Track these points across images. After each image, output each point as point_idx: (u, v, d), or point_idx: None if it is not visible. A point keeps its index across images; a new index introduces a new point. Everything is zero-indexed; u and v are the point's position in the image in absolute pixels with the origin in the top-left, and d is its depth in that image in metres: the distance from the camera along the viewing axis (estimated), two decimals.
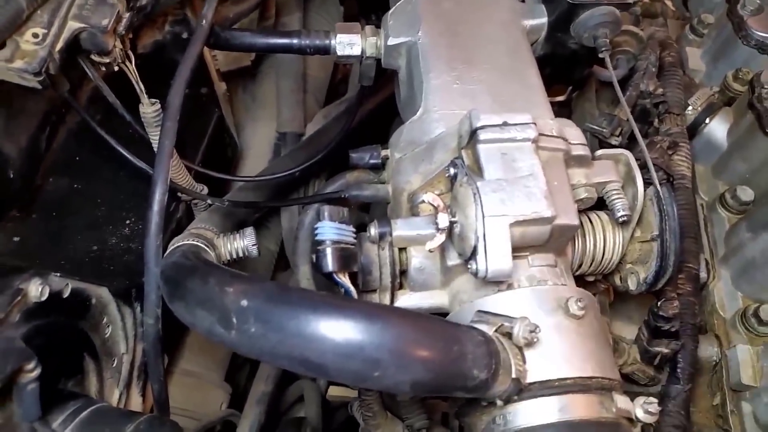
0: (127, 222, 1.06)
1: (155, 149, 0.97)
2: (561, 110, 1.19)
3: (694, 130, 1.24)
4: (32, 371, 0.61)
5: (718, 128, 1.23)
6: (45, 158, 1.03)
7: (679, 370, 0.98)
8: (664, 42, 1.24)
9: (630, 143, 1.16)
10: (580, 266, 0.83)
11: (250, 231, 0.87)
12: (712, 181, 1.23)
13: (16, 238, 0.97)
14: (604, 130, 1.14)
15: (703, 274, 1.12)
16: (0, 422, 0.57)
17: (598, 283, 0.94)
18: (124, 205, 1.08)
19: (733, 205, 1.16)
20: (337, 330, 0.56)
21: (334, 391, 1.21)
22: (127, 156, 0.97)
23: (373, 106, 1.43)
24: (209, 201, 0.97)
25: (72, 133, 1.09)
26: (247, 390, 1.47)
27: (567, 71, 1.04)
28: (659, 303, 0.93)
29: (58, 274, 0.72)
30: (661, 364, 1.00)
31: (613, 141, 1.14)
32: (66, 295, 0.73)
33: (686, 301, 1.01)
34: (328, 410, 1.56)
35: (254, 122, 1.64)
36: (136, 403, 0.95)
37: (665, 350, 0.96)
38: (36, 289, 0.67)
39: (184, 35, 1.28)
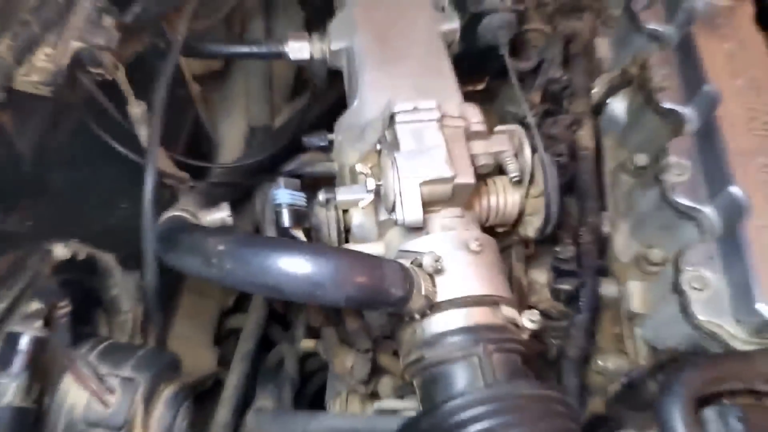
0: (122, 206, 1.26)
1: (142, 143, 1.18)
2: (483, 97, 1.41)
3: (600, 108, 1.47)
4: (64, 308, 0.82)
5: (619, 106, 1.45)
6: (49, 154, 1.22)
7: (581, 303, 1.20)
8: (570, 35, 1.46)
9: (542, 120, 1.38)
10: (488, 219, 1.05)
11: (225, 205, 1.08)
12: (617, 150, 1.46)
13: (29, 223, 1.17)
14: (519, 113, 1.36)
15: (606, 228, 1.35)
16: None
17: (511, 236, 1.16)
18: (118, 192, 1.28)
19: (632, 169, 1.38)
20: (290, 263, 0.77)
21: (306, 344, 1.43)
22: (120, 149, 1.17)
23: (332, 99, 1.64)
24: (191, 184, 1.17)
25: (70, 132, 1.28)
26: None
27: (481, 65, 1.26)
28: (558, 248, 1.16)
29: (77, 240, 0.92)
30: (568, 299, 1.23)
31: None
32: (82, 257, 0.93)
33: (587, 248, 1.24)
34: (304, 375, 1.77)
35: (227, 119, 1.83)
36: None
37: (567, 287, 1.19)
38: (60, 251, 0.87)
39: (161, 45, 1.48)
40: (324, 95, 1.57)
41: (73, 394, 0.83)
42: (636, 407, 1.22)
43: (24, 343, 0.71)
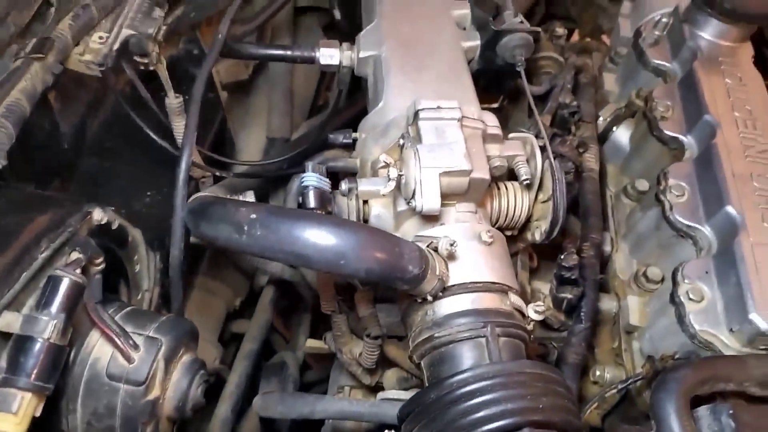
0: (148, 194, 1.32)
1: (175, 135, 1.25)
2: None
3: (604, 136, 1.55)
4: (99, 264, 0.87)
5: (623, 135, 1.54)
6: (84, 139, 1.29)
7: (582, 314, 1.24)
8: (580, 67, 1.55)
9: (550, 142, 1.46)
10: (497, 221, 1.11)
11: (250, 193, 1.14)
12: (618, 177, 1.54)
13: None
14: (529, 133, 1.43)
15: (607, 248, 1.41)
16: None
17: (517, 243, 1.22)
18: (144, 181, 1.34)
19: (633, 194, 1.45)
20: (317, 233, 0.83)
21: (311, 344, 1.46)
22: (155, 138, 1.23)
23: (350, 115, 1.72)
24: (217, 173, 1.24)
25: (105, 121, 1.35)
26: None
27: (498, 83, 1.34)
28: (562, 256, 1.21)
29: (113, 208, 0.97)
30: (569, 309, 1.28)
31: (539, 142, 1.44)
32: (114, 226, 0.99)
33: (589, 261, 1.29)
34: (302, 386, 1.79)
35: (247, 130, 1.92)
36: None
37: (569, 296, 1.24)
38: (98, 214, 0.92)
39: (195, 51, 1.57)
40: (343, 111, 1.65)
41: (99, 349, 0.87)
42: (632, 420, 1.25)
43: (64, 285, 0.76)
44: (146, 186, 1.34)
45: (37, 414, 0.74)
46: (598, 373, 1.27)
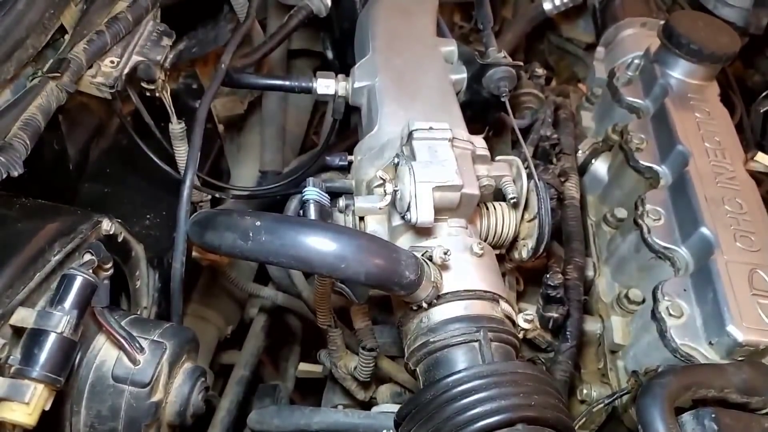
0: (147, 217, 1.36)
1: (177, 159, 1.30)
2: None
3: (584, 168, 1.64)
4: (108, 270, 0.90)
5: (601, 167, 1.62)
6: (88, 163, 1.34)
7: (568, 333, 1.29)
8: (559, 104, 1.65)
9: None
10: (486, 239, 1.16)
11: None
12: (598, 206, 1.61)
13: None
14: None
15: (590, 273, 1.47)
16: None
17: (505, 263, 1.27)
18: (144, 205, 1.38)
19: (612, 222, 1.52)
20: (320, 239, 0.87)
21: (303, 367, 1.48)
22: (157, 161, 1.28)
23: (342, 149, 1.79)
24: (216, 195, 1.28)
25: (106, 149, 1.40)
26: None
27: (483, 114, 1.42)
28: (548, 275, 1.27)
29: (120, 221, 1.01)
30: (555, 329, 1.32)
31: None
32: (120, 239, 1.02)
33: (573, 283, 1.34)
34: None
35: (240, 165, 1.97)
36: None
37: (555, 315, 1.28)
38: (107, 224, 0.96)
39: (194, 86, 1.65)
40: (335, 145, 1.72)
41: (104, 352, 0.89)
42: None
43: (77, 283, 0.79)
44: (146, 209, 1.38)
45: (47, 407, 0.75)
46: (585, 391, 1.31)
